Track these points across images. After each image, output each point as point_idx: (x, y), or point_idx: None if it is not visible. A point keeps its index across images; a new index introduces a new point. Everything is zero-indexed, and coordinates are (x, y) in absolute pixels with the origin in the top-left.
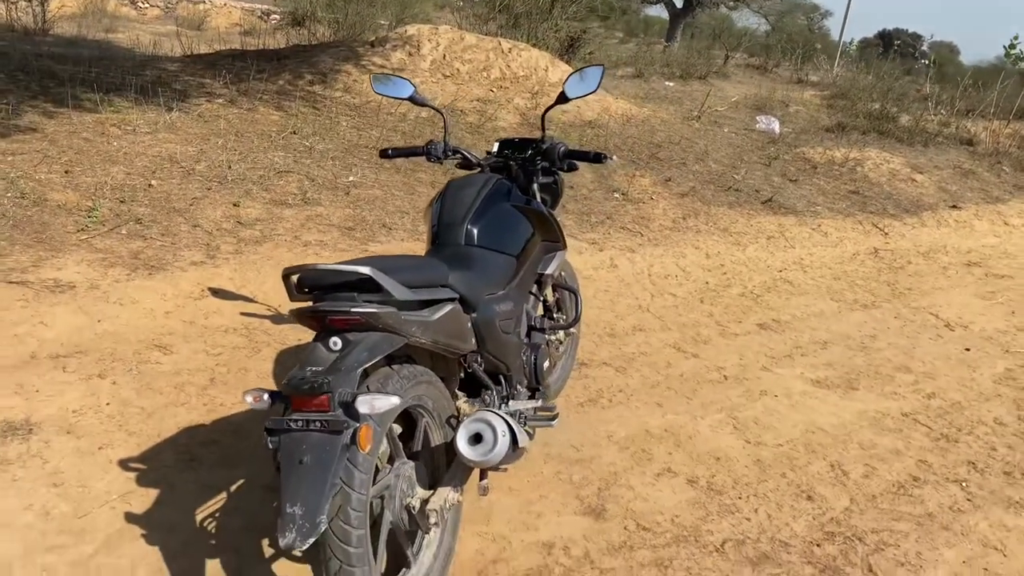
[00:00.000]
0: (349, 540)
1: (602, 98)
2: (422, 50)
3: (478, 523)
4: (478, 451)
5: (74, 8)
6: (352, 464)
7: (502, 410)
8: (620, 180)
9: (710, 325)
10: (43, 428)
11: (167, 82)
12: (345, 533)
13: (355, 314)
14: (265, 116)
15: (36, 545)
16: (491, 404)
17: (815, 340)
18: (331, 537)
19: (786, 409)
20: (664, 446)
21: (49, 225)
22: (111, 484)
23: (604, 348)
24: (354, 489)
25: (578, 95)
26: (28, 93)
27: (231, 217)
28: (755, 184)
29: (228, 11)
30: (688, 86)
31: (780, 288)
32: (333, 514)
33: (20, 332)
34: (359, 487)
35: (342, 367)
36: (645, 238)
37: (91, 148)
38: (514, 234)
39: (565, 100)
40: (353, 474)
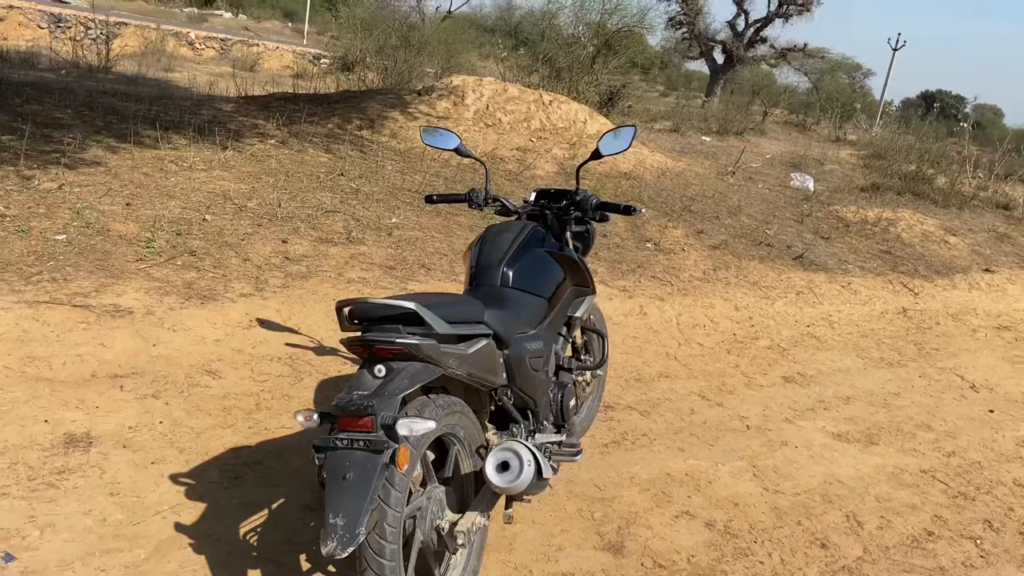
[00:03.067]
0: (384, 554)
1: (638, 151)
2: (466, 100)
3: (502, 551)
4: (505, 478)
5: (135, 48)
6: (390, 483)
7: (529, 442)
8: (653, 231)
9: (736, 375)
10: (101, 441)
11: (222, 122)
12: (380, 547)
13: (399, 344)
14: (314, 158)
15: (94, 548)
16: (519, 436)
17: (839, 395)
18: (367, 550)
19: (806, 460)
20: (684, 489)
21: (111, 254)
22: (162, 496)
23: (630, 392)
24: (390, 507)
25: (611, 152)
26: (92, 128)
27: (280, 253)
28: (787, 240)
29: (280, 54)
30: (724, 141)
31: (807, 343)
32: (371, 529)
33: (82, 352)
34: (395, 505)
35: (385, 392)
36: (675, 288)
37: (150, 182)
38: (546, 278)
39: (599, 156)
40: (390, 493)
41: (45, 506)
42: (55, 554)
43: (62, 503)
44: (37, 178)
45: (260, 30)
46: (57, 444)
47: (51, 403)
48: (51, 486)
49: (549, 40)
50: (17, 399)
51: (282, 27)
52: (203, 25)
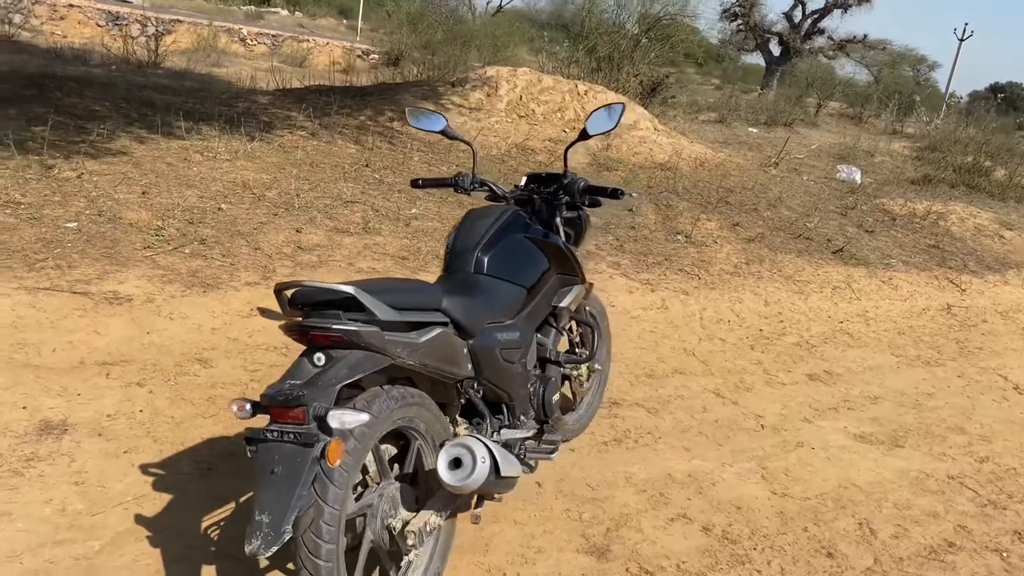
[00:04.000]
0: (319, 554)
1: (676, 141)
2: (500, 91)
3: (476, 553)
4: (456, 475)
5: (188, 44)
6: (328, 479)
7: (493, 438)
8: (685, 223)
9: (756, 373)
10: (77, 429)
11: (255, 114)
12: (316, 546)
13: (336, 331)
14: (342, 149)
15: (47, 538)
16: (484, 432)
17: (866, 394)
18: (302, 549)
19: (821, 462)
20: (684, 491)
21: (119, 241)
22: (129, 486)
23: (639, 389)
24: (327, 503)
25: (599, 132)
26: (126, 120)
27: (292, 242)
28: (828, 233)
29: (330, 50)
30: (772, 133)
31: (838, 339)
32: (306, 527)
33: (74, 339)
34: (333, 502)
35: (320, 382)
36: (702, 281)
37: (171, 172)
38: (526, 265)
39: (587, 137)
40: (328, 489)
41: (5, 494)
42: (5, 544)
43: (24, 491)
44: (58, 167)
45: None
46: (31, 431)
47: (33, 390)
48: (16, 474)
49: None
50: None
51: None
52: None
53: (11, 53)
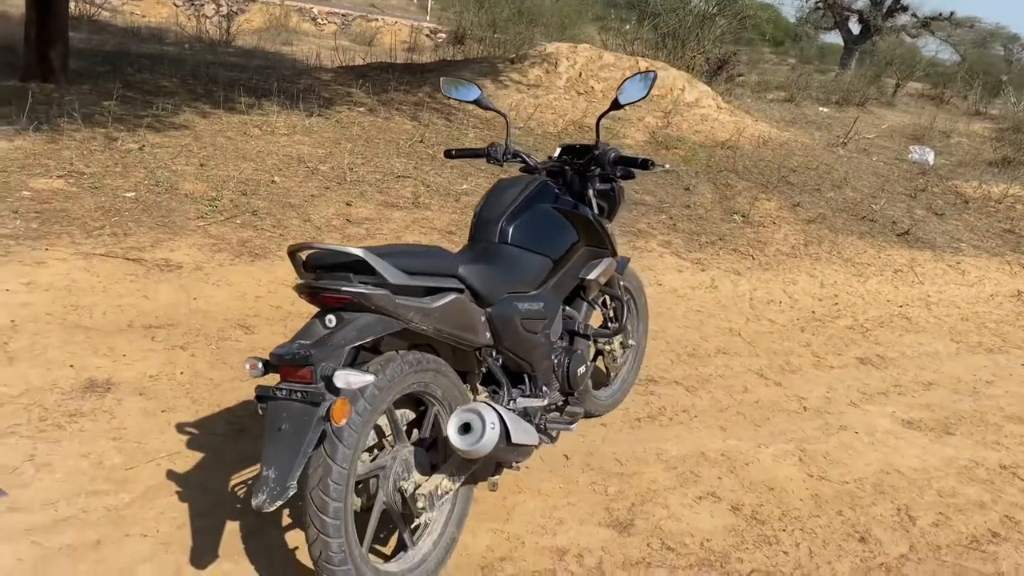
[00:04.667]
0: (326, 510)
1: (740, 120)
2: (559, 67)
3: (497, 520)
4: (466, 440)
5: (260, 23)
6: (337, 438)
7: (509, 406)
8: (743, 202)
9: (804, 355)
10: (120, 388)
11: (316, 90)
12: (323, 503)
13: (346, 293)
14: (399, 125)
15: (82, 488)
16: (501, 400)
17: (919, 380)
18: (311, 505)
19: (864, 447)
20: (716, 470)
21: (174, 211)
22: (164, 443)
23: (680, 367)
24: (335, 462)
25: (630, 101)
26: (191, 96)
27: (342, 215)
28: (894, 215)
29: (398, 29)
30: (843, 113)
31: (895, 324)
32: (315, 484)
33: (124, 303)
34: (341, 461)
35: (329, 343)
36: (756, 262)
37: (230, 145)
38: (553, 236)
39: (619, 106)
40: (337, 448)
41: (48, 447)
42: (43, 492)
43: (64, 444)
44: (122, 139)
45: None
46: (77, 388)
47: (82, 349)
48: (59, 428)
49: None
50: (51, 344)
51: (407, 3)
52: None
53: (91, 32)
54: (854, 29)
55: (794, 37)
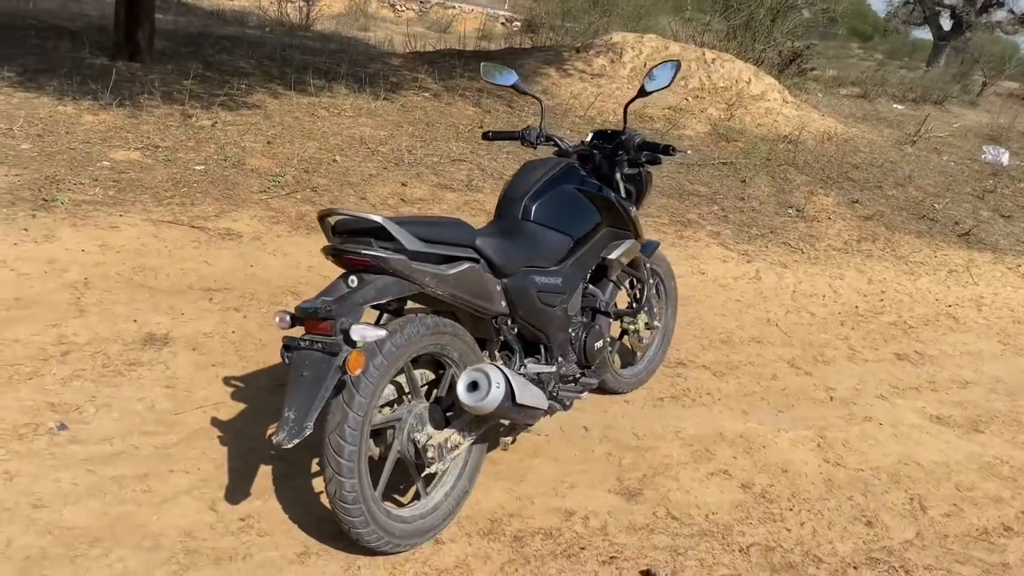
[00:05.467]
0: (342, 453)
1: (805, 114)
2: (624, 57)
3: (511, 480)
4: (472, 397)
5: (340, 9)
6: (355, 388)
7: (520, 371)
8: (799, 197)
9: (840, 347)
10: (176, 343)
11: (386, 75)
12: (339, 446)
13: (365, 255)
14: (461, 110)
15: (135, 428)
16: (512, 364)
17: (956, 378)
18: (328, 449)
19: (886, 438)
20: (731, 450)
21: (239, 184)
22: (211, 393)
23: (710, 353)
24: (352, 409)
25: (656, 89)
26: (266, 77)
27: (397, 195)
28: (957, 216)
29: (475, 17)
30: (919, 110)
31: (940, 323)
32: (332, 429)
33: (186, 267)
34: (357, 408)
35: (349, 300)
36: (805, 256)
37: (297, 125)
38: (574, 216)
39: (645, 94)
40: (354, 397)
41: (108, 390)
42: (101, 429)
43: (123, 389)
44: (197, 116)
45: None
46: (137, 341)
47: (145, 307)
48: (119, 374)
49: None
50: (118, 300)
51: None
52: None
53: (177, 14)
54: (945, 25)
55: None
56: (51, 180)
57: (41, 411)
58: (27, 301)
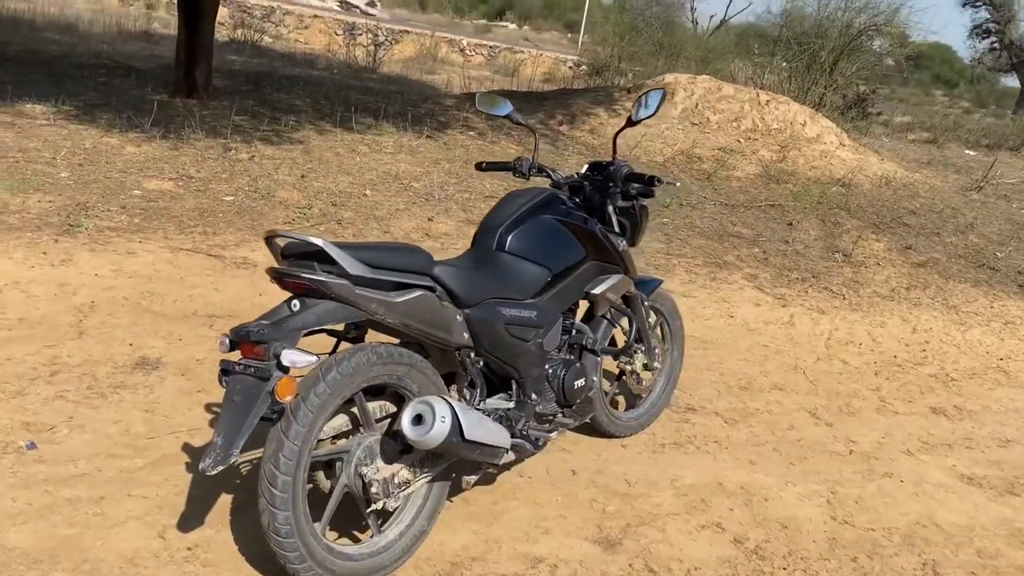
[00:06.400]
0: (275, 483)
1: (863, 157)
2: (675, 97)
3: (482, 522)
4: (416, 431)
5: (411, 52)
6: (292, 416)
7: (479, 406)
8: (848, 241)
9: (869, 398)
10: (167, 367)
11: (435, 114)
12: (273, 476)
13: (305, 279)
14: (504, 148)
15: (103, 451)
16: (473, 399)
17: (996, 436)
18: (262, 477)
19: (905, 496)
20: (729, 501)
21: (265, 215)
22: (189, 419)
23: (725, 399)
24: (288, 438)
25: (642, 118)
26: (317, 114)
27: (421, 229)
28: (1021, 265)
29: (543, 61)
30: (992, 157)
31: (988, 376)
32: (268, 457)
33: (194, 293)
34: (293, 438)
35: (287, 325)
36: (846, 302)
37: (335, 160)
38: (553, 248)
39: (632, 124)
40: (291, 425)
41: (87, 412)
42: (69, 450)
43: (102, 411)
44: (236, 149)
45: (539, 40)
46: (128, 364)
47: (144, 331)
48: (101, 396)
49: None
50: (118, 324)
51: (560, 37)
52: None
53: (249, 56)
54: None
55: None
56: (81, 207)
57: (15, 430)
58: (31, 322)
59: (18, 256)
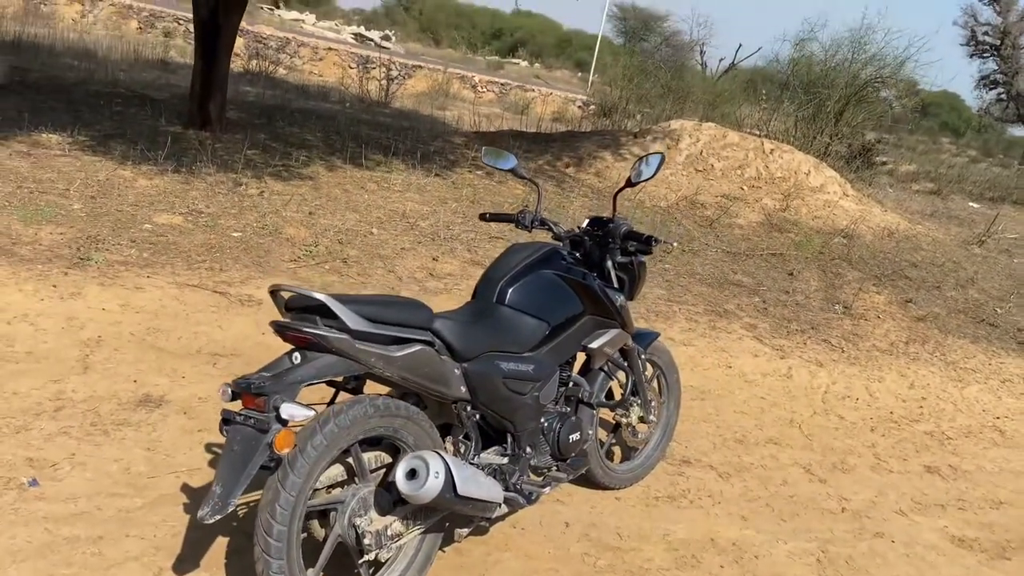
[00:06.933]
0: (271, 532)
1: (866, 208)
2: (680, 144)
3: (473, 573)
4: (410, 485)
5: (423, 88)
6: (289, 467)
7: (473, 461)
8: (849, 293)
9: (864, 455)
10: (169, 405)
11: (445, 152)
12: (269, 525)
13: (306, 333)
14: (510, 188)
15: (103, 489)
16: (468, 453)
17: (989, 498)
18: (259, 526)
19: (896, 557)
20: (720, 558)
21: (271, 252)
22: (190, 459)
23: (720, 452)
24: (284, 489)
25: (641, 180)
26: (327, 150)
27: (426, 268)
28: (1020, 322)
29: (553, 100)
30: (996, 210)
31: (984, 435)
32: (264, 507)
33: (199, 330)
34: (290, 488)
35: (287, 378)
36: (844, 355)
37: (344, 197)
38: (552, 302)
39: (631, 184)
40: (288, 476)
41: (89, 448)
42: (70, 488)
43: (104, 448)
44: (247, 184)
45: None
46: (132, 401)
47: (149, 368)
48: (104, 433)
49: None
50: (124, 359)
51: (571, 76)
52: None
53: (263, 87)
54: None
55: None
56: (92, 240)
57: (18, 466)
58: (38, 355)
59: (28, 288)
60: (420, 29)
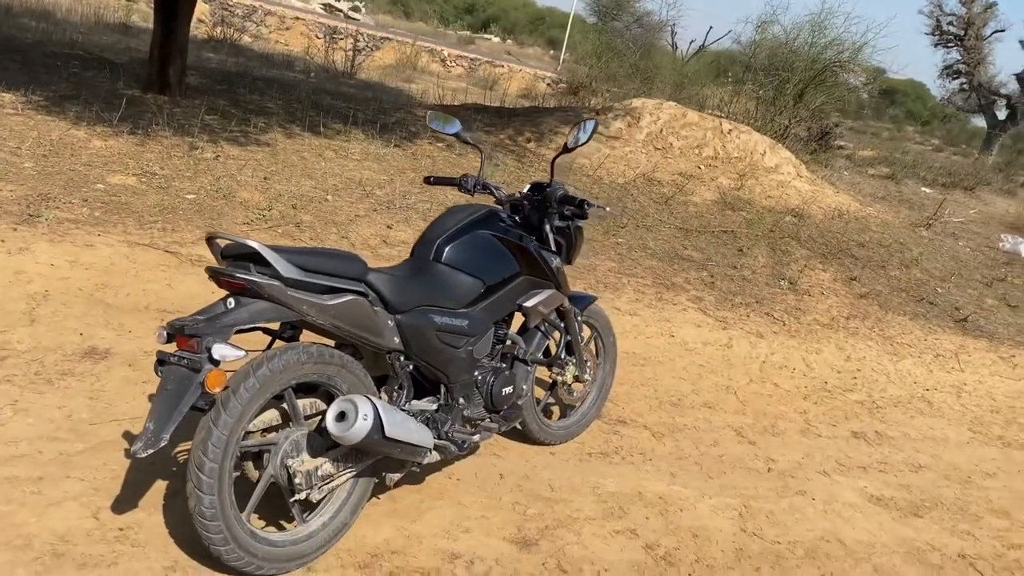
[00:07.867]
0: (203, 469)
1: (818, 189)
2: (641, 122)
3: (406, 519)
4: (339, 427)
5: (391, 60)
6: (222, 407)
7: (404, 407)
8: (794, 270)
9: (795, 420)
10: (114, 358)
11: (407, 123)
12: (201, 462)
13: (239, 279)
14: (471, 161)
15: (45, 434)
16: (398, 399)
17: (910, 462)
18: (191, 463)
19: (815, 513)
20: (646, 510)
21: (224, 215)
22: (132, 408)
23: (656, 414)
24: (216, 427)
25: (576, 145)
26: (288, 117)
27: (380, 236)
28: (959, 301)
29: (522, 76)
30: (947, 195)
31: (912, 405)
32: (197, 444)
33: (148, 288)
34: (222, 427)
35: (220, 322)
36: (785, 328)
37: (300, 164)
38: (488, 261)
39: (568, 150)
40: (220, 415)
41: (32, 396)
42: (12, 432)
43: (47, 396)
44: (202, 148)
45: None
46: (77, 353)
47: (96, 322)
48: (48, 382)
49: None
50: (71, 314)
51: (543, 53)
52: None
53: (227, 54)
54: (999, 114)
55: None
56: (43, 197)
57: None
58: None
59: None
60: (391, 1)
